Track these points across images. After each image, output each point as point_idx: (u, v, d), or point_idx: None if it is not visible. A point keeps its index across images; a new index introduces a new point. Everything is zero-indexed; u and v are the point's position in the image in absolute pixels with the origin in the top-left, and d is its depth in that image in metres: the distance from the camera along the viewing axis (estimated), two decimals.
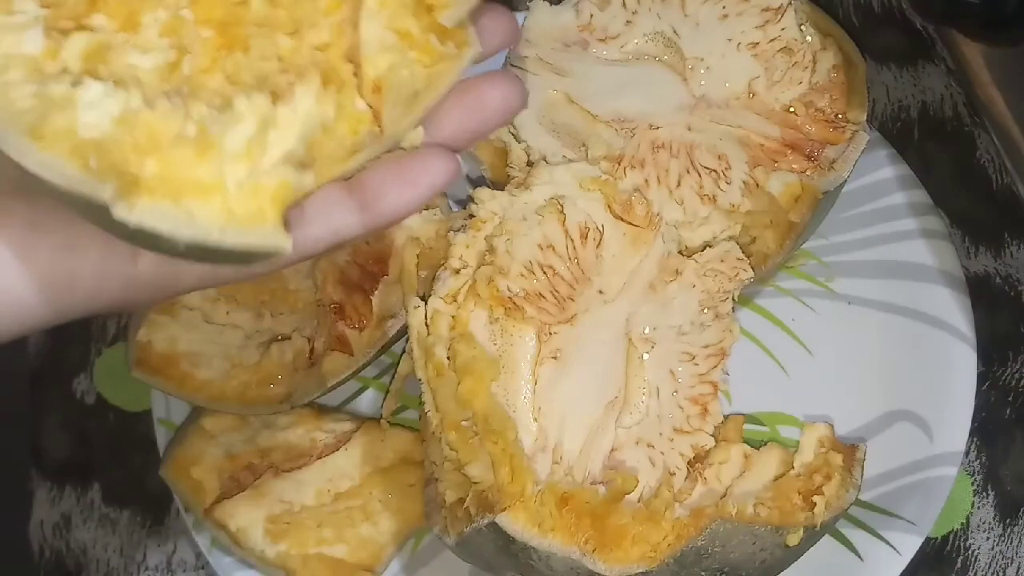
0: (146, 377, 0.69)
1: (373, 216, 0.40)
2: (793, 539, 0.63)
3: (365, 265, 0.70)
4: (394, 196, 0.40)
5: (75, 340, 0.78)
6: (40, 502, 0.76)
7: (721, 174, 0.68)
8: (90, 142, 0.35)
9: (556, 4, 0.72)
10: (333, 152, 0.40)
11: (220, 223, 0.36)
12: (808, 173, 0.68)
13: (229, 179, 0.37)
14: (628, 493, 0.63)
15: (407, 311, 0.64)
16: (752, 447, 0.66)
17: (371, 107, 0.40)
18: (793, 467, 0.66)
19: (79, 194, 0.35)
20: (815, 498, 0.63)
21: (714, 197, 0.68)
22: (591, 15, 0.71)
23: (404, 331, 0.69)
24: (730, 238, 0.68)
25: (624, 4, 0.71)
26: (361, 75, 0.40)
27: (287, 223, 0.37)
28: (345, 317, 0.69)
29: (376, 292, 0.70)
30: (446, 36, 0.40)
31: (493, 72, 0.42)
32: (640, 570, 0.61)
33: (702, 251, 0.67)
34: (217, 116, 0.37)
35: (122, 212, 0.35)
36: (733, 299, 0.67)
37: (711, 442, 0.66)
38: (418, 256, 0.67)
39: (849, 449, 0.67)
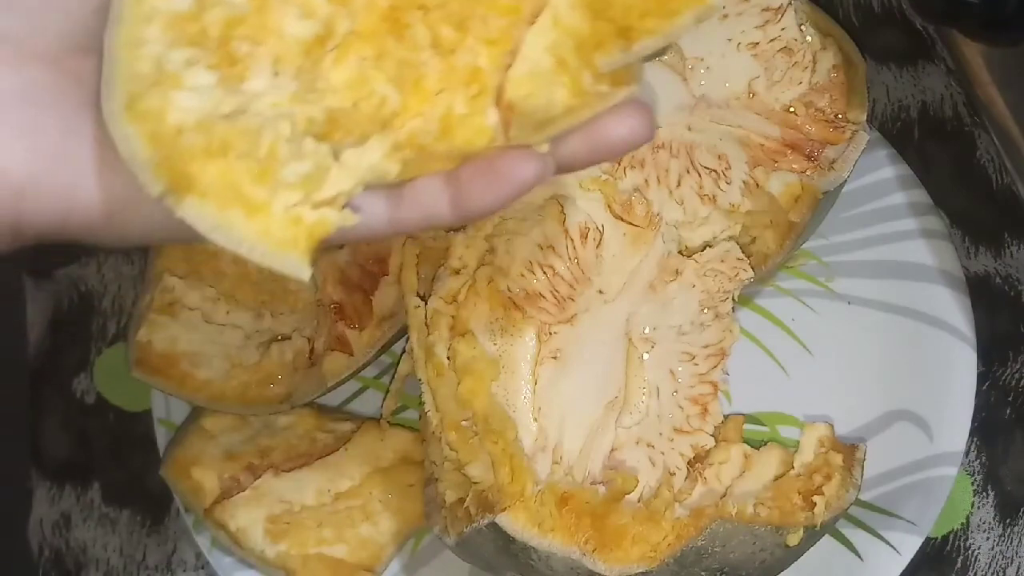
0: (146, 377, 0.69)
1: (463, 211, 0.41)
2: (793, 539, 0.63)
3: (365, 265, 0.70)
4: (482, 193, 0.40)
5: (75, 340, 0.78)
6: (40, 501, 0.76)
7: (721, 174, 0.68)
8: (172, 129, 0.37)
9: None
10: (445, 153, 0.40)
11: (254, 240, 0.38)
12: (808, 173, 0.68)
13: (277, 204, 0.38)
14: (628, 493, 0.64)
15: (407, 311, 0.64)
16: (752, 447, 0.67)
17: (501, 118, 0.40)
18: (793, 467, 0.66)
19: (134, 170, 0.37)
20: (815, 498, 0.63)
21: (714, 197, 0.68)
22: None
23: (404, 331, 0.69)
24: (730, 238, 0.68)
25: None
26: (504, 87, 0.40)
27: (315, 255, 0.39)
28: (345, 317, 0.69)
29: (376, 292, 0.70)
30: (602, 77, 0.40)
31: (625, 105, 0.41)
32: (640, 570, 0.62)
33: (702, 251, 0.67)
34: (287, 147, 0.38)
35: (171, 204, 0.37)
36: (733, 299, 0.67)
37: (711, 442, 0.66)
38: (418, 256, 0.67)
39: (849, 449, 0.67)
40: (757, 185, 0.68)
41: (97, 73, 0.38)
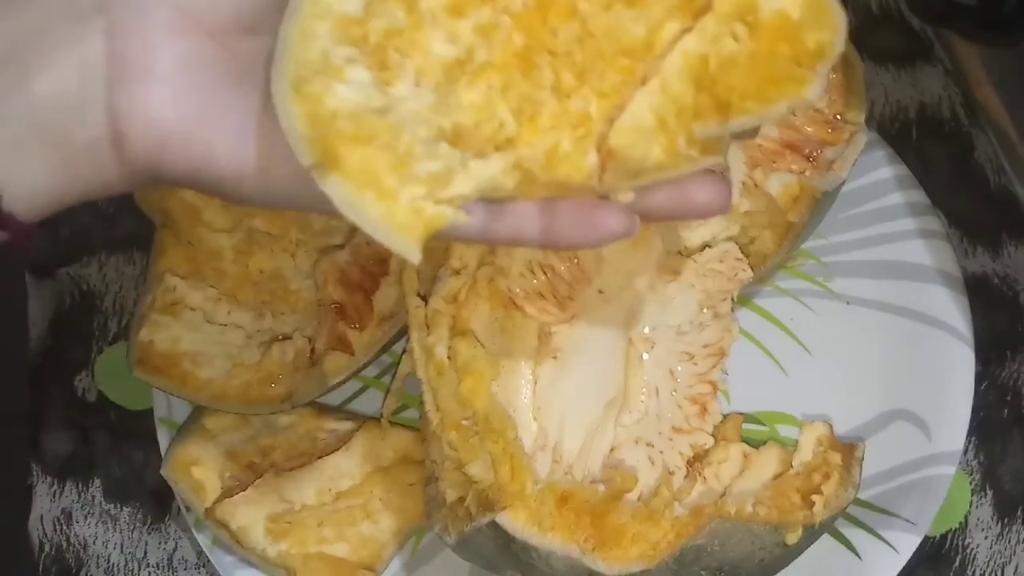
0: (147, 377, 0.69)
1: (550, 241, 0.46)
2: (792, 538, 0.63)
3: (366, 265, 0.70)
4: (572, 232, 0.45)
5: (76, 338, 0.78)
6: (40, 497, 0.76)
7: (720, 175, 0.68)
8: (329, 112, 0.42)
9: None
10: (546, 182, 0.45)
11: (378, 221, 0.42)
12: (806, 173, 0.68)
13: (405, 194, 0.43)
14: (627, 492, 0.64)
15: (408, 311, 0.64)
16: (751, 446, 0.67)
17: (600, 162, 0.45)
18: (792, 466, 0.66)
19: (290, 141, 0.42)
20: (814, 497, 0.63)
21: None
22: None
23: (404, 331, 0.69)
24: (729, 238, 0.68)
25: None
26: (607, 135, 0.44)
27: (427, 243, 0.43)
28: (346, 317, 0.69)
29: (377, 292, 0.70)
30: (694, 142, 0.44)
31: (710, 174, 0.45)
32: (639, 569, 0.62)
33: (701, 251, 0.67)
34: (423, 147, 0.43)
35: (317, 177, 0.42)
36: (732, 299, 0.67)
37: (710, 441, 0.66)
38: None
39: (848, 448, 0.67)
40: (756, 185, 0.68)
41: (254, 53, 0.44)
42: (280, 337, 0.71)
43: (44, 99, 0.42)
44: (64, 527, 0.76)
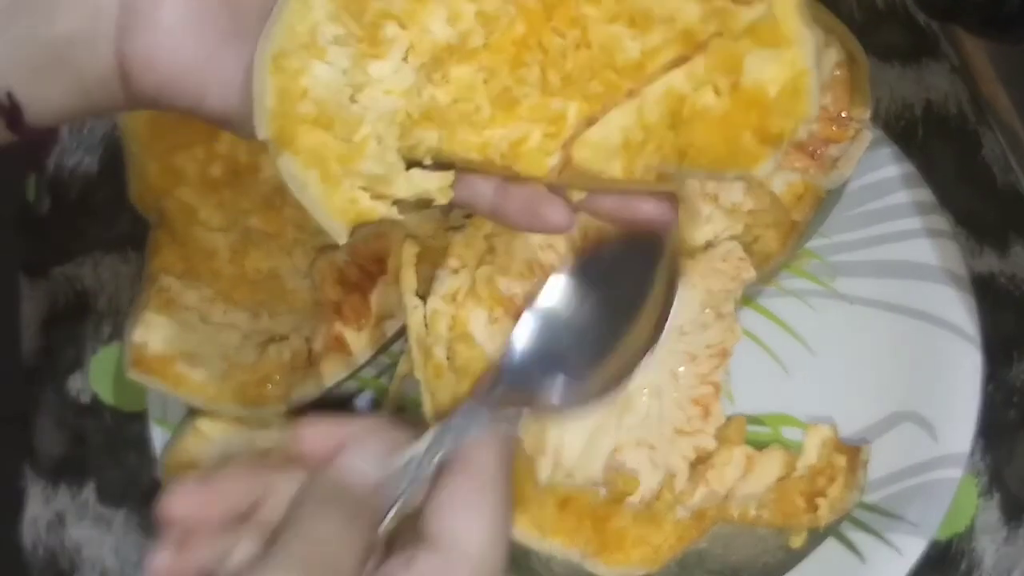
0: (142, 378, 0.69)
1: (496, 217, 0.50)
2: (796, 541, 0.63)
3: (364, 265, 0.69)
4: (516, 217, 0.49)
5: (70, 339, 0.77)
6: (33, 500, 0.75)
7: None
8: (299, 90, 0.45)
9: None
10: (502, 169, 0.47)
11: (317, 200, 0.46)
12: (811, 172, 0.68)
13: (346, 183, 0.46)
14: (629, 495, 0.64)
15: (406, 311, 0.64)
16: (754, 448, 0.66)
17: (560, 163, 0.47)
18: (796, 469, 0.65)
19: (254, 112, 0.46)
20: (818, 500, 0.63)
21: (716, 196, 0.68)
22: None
23: (403, 331, 0.68)
24: (732, 237, 0.68)
25: None
26: (574, 140, 0.47)
27: (355, 229, 0.47)
28: (343, 317, 0.69)
29: (374, 292, 0.69)
30: (651, 170, 0.47)
31: (655, 195, 0.49)
32: (641, 572, 0.62)
33: (704, 251, 0.67)
34: (375, 147, 0.47)
35: (271, 150, 0.46)
36: (735, 299, 0.67)
37: (713, 443, 0.66)
38: (417, 256, 0.66)
39: (852, 450, 0.66)
40: (759, 184, 0.68)
41: (255, 8, 0.47)
42: (276, 337, 0.70)
43: (63, 36, 0.47)
44: (58, 530, 0.75)
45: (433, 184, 0.47)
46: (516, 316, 0.64)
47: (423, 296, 0.64)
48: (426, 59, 0.47)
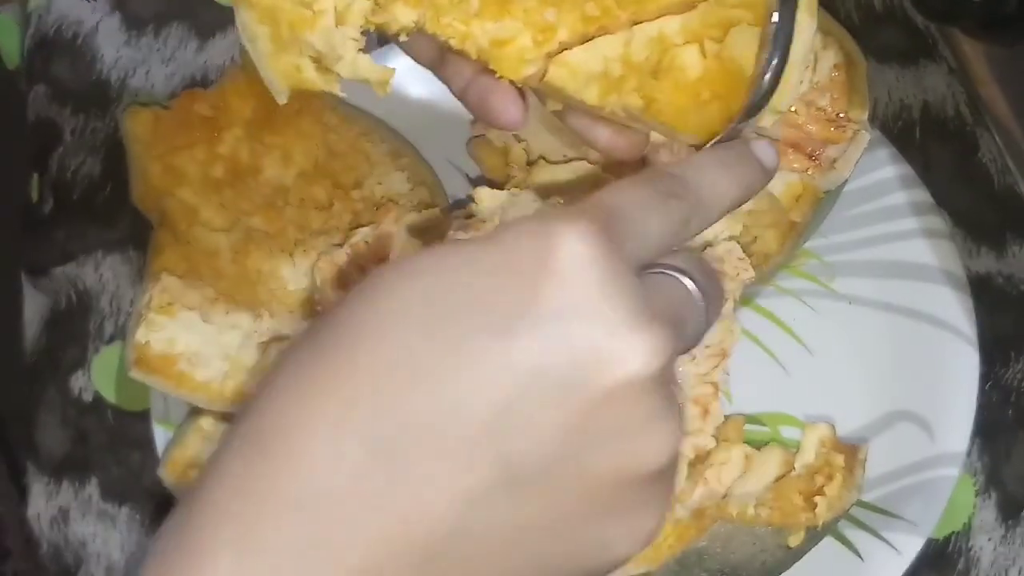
0: (144, 377, 0.69)
1: (462, 99, 0.52)
2: (794, 540, 0.63)
3: (364, 265, 0.69)
4: (477, 104, 0.51)
5: (72, 338, 0.77)
6: (36, 496, 0.75)
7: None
8: None
9: None
10: (473, 62, 0.49)
11: (265, 60, 0.47)
12: (809, 172, 0.68)
13: (293, 49, 0.47)
14: None
15: None
16: (753, 447, 0.66)
17: (536, 73, 0.48)
18: (794, 468, 0.65)
19: None
20: (816, 499, 0.63)
21: None
22: None
23: None
24: (731, 238, 0.68)
25: None
26: (557, 56, 0.48)
27: (295, 93, 0.48)
28: None
29: None
30: (620, 106, 0.48)
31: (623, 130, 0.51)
32: (641, 571, 0.61)
33: (703, 251, 0.67)
34: (328, 24, 0.47)
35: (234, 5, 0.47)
36: (734, 299, 0.67)
37: (712, 443, 0.65)
38: None
39: (850, 449, 0.66)
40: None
41: None
42: (278, 338, 0.70)
43: None
44: (62, 526, 0.75)
45: (375, 76, 0.48)
46: None
47: None
48: None
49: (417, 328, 0.38)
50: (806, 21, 0.47)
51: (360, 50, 0.48)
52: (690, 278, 0.43)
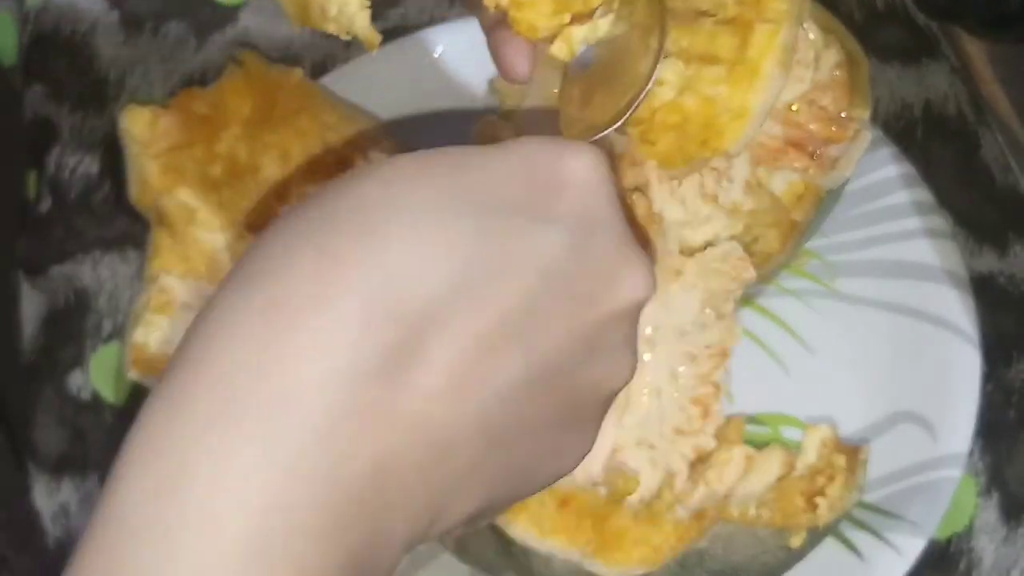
0: (142, 378, 0.68)
1: (489, 41, 0.55)
2: (796, 541, 0.63)
3: None
4: (497, 52, 0.54)
5: (70, 337, 0.77)
6: (37, 493, 0.75)
7: (723, 173, 0.68)
8: None
9: None
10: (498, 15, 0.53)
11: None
12: (811, 172, 0.68)
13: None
14: (629, 495, 0.63)
15: None
16: (754, 448, 0.66)
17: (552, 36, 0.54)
18: (795, 469, 0.65)
19: None
20: (818, 499, 0.63)
21: (716, 196, 0.68)
22: None
23: None
24: (732, 237, 0.68)
25: None
26: (573, 28, 0.53)
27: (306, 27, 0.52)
28: None
29: None
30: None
31: None
32: (641, 572, 0.62)
33: (704, 251, 0.67)
34: None
35: None
36: (735, 299, 0.67)
37: (713, 443, 0.66)
38: None
39: (852, 450, 0.66)
40: (759, 184, 0.68)
41: None
42: None
43: None
44: (64, 521, 0.75)
45: (366, 34, 0.51)
46: None
47: None
48: None
49: (444, 211, 0.38)
50: (775, 72, 0.48)
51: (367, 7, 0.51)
52: None
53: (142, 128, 0.71)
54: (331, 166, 0.72)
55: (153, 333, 0.69)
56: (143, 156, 0.71)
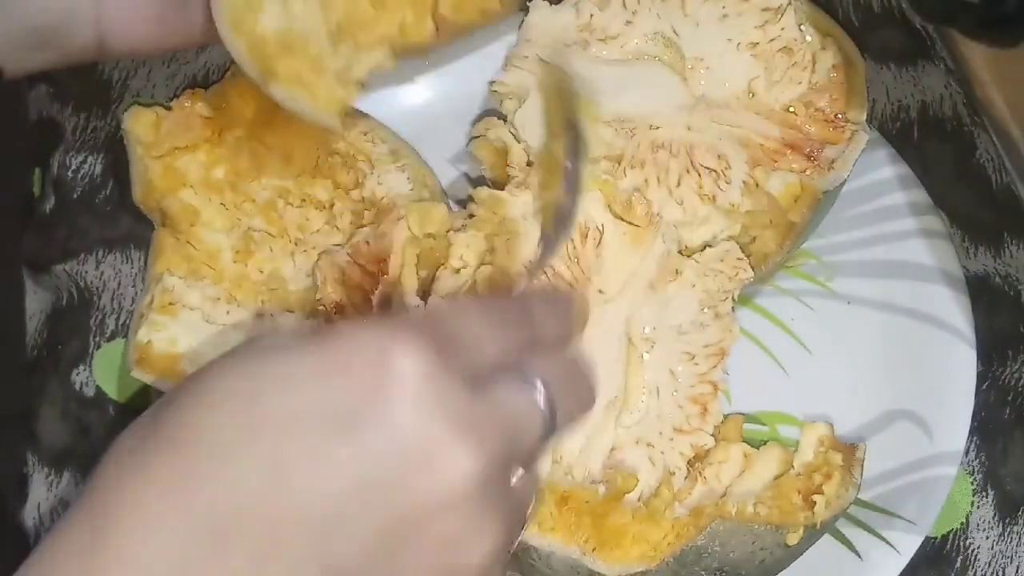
0: (146, 377, 0.69)
1: None
2: (793, 539, 0.63)
3: (365, 265, 0.70)
4: None
5: (74, 334, 0.77)
6: (37, 486, 0.75)
7: (721, 174, 0.68)
8: (259, 38, 0.60)
9: (556, 4, 0.72)
10: (403, 47, 0.66)
11: (309, 108, 0.62)
12: (808, 173, 0.68)
13: (322, 85, 0.63)
14: (628, 492, 0.64)
15: (407, 310, 0.64)
16: (752, 446, 0.66)
17: (435, 27, 0.67)
18: (793, 467, 0.65)
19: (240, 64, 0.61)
20: (815, 497, 0.63)
21: (714, 197, 0.68)
22: (591, 15, 0.71)
23: None
24: (730, 238, 0.68)
25: (624, 4, 0.70)
26: (438, 6, 0.66)
27: (343, 117, 0.64)
28: (346, 317, 0.69)
29: (377, 291, 0.69)
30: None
31: None
32: (640, 569, 0.62)
33: (702, 251, 0.67)
34: (329, 52, 0.63)
35: (261, 84, 0.61)
36: (733, 299, 0.67)
37: (711, 442, 0.66)
38: (418, 256, 0.67)
39: (849, 448, 0.67)
40: (757, 185, 0.68)
41: None
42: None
43: (47, 25, 0.57)
44: (61, 516, 0.75)
45: (377, 58, 0.64)
46: None
47: (424, 296, 0.64)
48: None
49: (256, 424, 0.40)
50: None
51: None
52: (543, 385, 0.46)
53: (145, 129, 0.71)
54: (333, 167, 0.72)
55: (157, 333, 0.69)
56: (147, 157, 0.71)
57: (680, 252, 0.67)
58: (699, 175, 0.68)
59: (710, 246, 0.68)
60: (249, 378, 0.41)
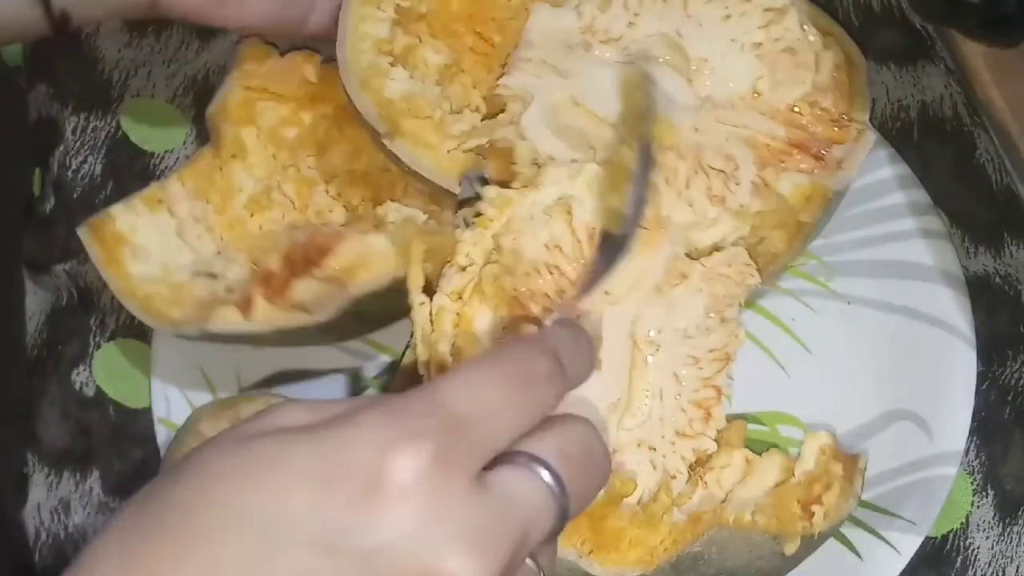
0: (86, 240, 0.69)
1: None
2: (790, 548, 0.63)
3: (310, 254, 0.69)
4: None
5: (74, 333, 0.77)
6: (37, 487, 0.75)
7: (730, 175, 0.68)
8: (386, 99, 0.67)
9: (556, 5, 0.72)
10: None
11: (430, 167, 0.67)
12: (817, 173, 0.68)
13: (443, 147, 0.67)
14: (626, 496, 0.63)
15: (411, 308, 0.64)
16: (751, 447, 0.66)
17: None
18: (793, 475, 0.65)
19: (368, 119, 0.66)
20: (814, 507, 0.63)
21: (723, 198, 0.68)
22: (593, 17, 0.71)
23: (309, 330, 0.68)
24: (739, 239, 0.68)
25: (626, 5, 0.70)
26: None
27: (461, 180, 0.68)
28: (265, 285, 0.68)
29: (301, 281, 0.68)
30: None
31: None
32: (636, 573, 0.62)
33: (710, 254, 0.67)
34: (450, 116, 0.68)
35: (387, 142, 0.66)
36: (740, 305, 0.67)
37: (713, 446, 0.66)
38: (424, 252, 0.66)
39: (850, 458, 0.66)
40: (766, 185, 0.68)
41: None
42: (211, 275, 0.70)
43: None
44: (62, 517, 0.75)
45: (500, 129, 0.67)
46: (521, 315, 0.64)
47: (430, 293, 0.64)
48: (437, 76, 0.69)
49: (243, 531, 0.38)
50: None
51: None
52: (548, 466, 0.43)
53: (253, 59, 0.72)
54: (379, 180, 0.73)
55: (128, 214, 0.70)
56: (238, 82, 0.72)
57: (688, 255, 0.67)
58: (708, 176, 0.68)
59: (719, 249, 0.67)
60: (239, 469, 0.39)
